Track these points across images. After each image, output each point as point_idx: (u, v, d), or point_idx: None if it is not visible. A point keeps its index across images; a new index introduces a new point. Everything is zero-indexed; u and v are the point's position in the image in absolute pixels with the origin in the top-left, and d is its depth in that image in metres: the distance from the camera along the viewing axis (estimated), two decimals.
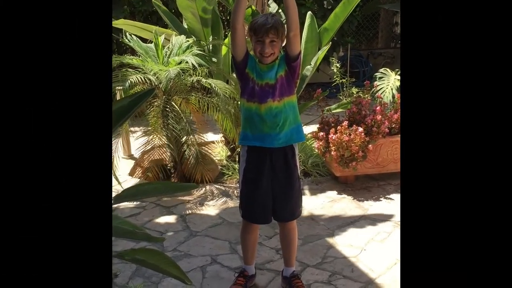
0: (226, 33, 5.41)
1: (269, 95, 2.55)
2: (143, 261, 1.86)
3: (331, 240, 3.44)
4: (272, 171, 2.65)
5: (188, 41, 4.45)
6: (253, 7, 4.74)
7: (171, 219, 3.83)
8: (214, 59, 4.76)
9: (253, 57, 2.59)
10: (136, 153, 4.83)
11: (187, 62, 4.13)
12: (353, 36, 9.00)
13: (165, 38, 4.64)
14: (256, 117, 2.58)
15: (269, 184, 2.66)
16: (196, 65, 4.14)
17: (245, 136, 2.66)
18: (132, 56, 4.40)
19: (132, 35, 4.47)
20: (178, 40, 4.40)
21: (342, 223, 3.69)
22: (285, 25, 2.52)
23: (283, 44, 2.59)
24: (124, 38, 4.39)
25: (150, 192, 2.07)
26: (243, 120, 2.67)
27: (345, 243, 3.39)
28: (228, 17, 6.98)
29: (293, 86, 2.63)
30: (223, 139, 5.23)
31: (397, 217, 3.75)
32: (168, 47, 4.41)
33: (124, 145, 5.25)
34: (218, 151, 5.10)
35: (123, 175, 4.64)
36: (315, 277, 3.00)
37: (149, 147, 4.41)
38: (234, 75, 4.95)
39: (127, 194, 2.03)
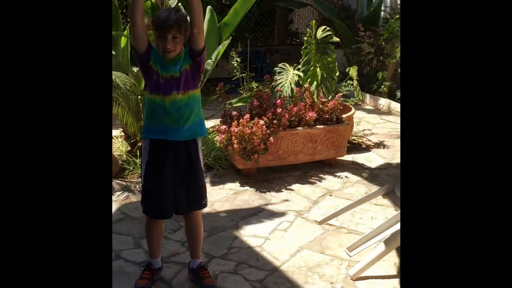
0: (125, 25, 5.28)
1: (174, 87, 2.55)
2: None
3: (235, 231, 3.49)
4: (175, 165, 2.64)
5: None
6: (153, 0, 4.68)
7: None
8: (113, 52, 4.62)
9: (157, 50, 2.57)
10: None
11: None
12: (251, 33, 9.15)
13: None
14: (160, 110, 2.56)
15: (171, 178, 2.65)
16: None
17: (148, 129, 2.63)
18: None
19: None
20: None
21: (245, 214, 3.75)
22: (189, 21, 2.52)
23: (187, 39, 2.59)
24: None
25: None
26: (146, 113, 2.64)
27: (250, 233, 3.46)
28: (125, 10, 6.82)
29: (198, 80, 2.65)
30: (122, 134, 5.11)
31: (298, 207, 3.88)
32: None
33: None
34: (118, 146, 4.97)
35: None
36: (221, 267, 3.03)
37: None
38: (134, 68, 4.89)
39: None
